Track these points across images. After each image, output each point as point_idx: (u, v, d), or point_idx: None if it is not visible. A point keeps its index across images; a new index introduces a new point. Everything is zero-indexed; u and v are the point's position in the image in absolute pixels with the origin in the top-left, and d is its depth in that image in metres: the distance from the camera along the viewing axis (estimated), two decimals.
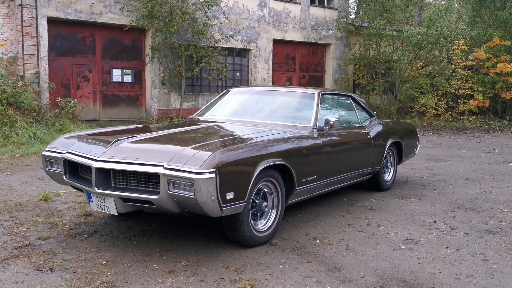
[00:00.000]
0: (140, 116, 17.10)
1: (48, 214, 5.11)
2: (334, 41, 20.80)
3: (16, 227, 4.63)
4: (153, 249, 4.06)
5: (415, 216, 5.17)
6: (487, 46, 19.19)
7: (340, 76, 20.94)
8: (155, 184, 3.75)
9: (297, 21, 19.80)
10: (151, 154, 3.82)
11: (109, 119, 16.31)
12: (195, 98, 17.83)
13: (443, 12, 17.50)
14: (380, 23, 18.94)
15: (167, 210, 3.79)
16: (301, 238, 4.40)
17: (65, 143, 4.45)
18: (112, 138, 4.48)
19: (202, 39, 16.58)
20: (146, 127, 5.38)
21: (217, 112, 5.67)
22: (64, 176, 4.31)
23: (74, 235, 4.41)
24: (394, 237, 4.44)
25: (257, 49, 18.97)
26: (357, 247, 4.15)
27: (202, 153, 3.63)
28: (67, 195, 6.00)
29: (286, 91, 5.76)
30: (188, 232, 4.56)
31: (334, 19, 20.64)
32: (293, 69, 20.48)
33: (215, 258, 3.87)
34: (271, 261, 3.82)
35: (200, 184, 3.45)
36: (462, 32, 17.74)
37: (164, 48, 16.71)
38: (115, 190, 3.87)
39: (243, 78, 19.11)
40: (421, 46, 18.05)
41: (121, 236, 4.38)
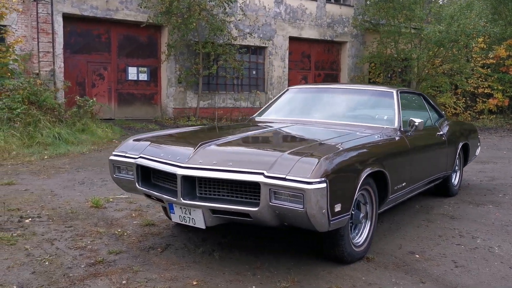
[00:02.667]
0: (156, 115, 16.69)
1: (106, 224, 4.70)
2: (350, 38, 20.42)
3: (79, 239, 4.21)
4: (241, 266, 3.66)
5: (506, 226, 4.79)
6: (507, 43, 18.83)
7: (355, 75, 20.57)
8: (252, 194, 3.35)
9: (313, 18, 19.41)
10: (245, 160, 3.42)
11: (125, 118, 15.89)
12: (211, 96, 17.41)
13: (465, 9, 17.12)
14: (400, 20, 18.53)
15: (263, 223, 3.39)
16: (396, 252, 4.01)
17: (135, 146, 4.04)
18: (190, 141, 4.10)
19: (219, 36, 16.15)
20: (211, 129, 4.96)
21: (282, 112, 5.26)
22: (137, 184, 3.90)
23: (147, 249, 4.00)
24: (499, 252, 4.06)
25: (273, 46, 18.57)
26: (466, 264, 3.76)
27: (308, 160, 3.23)
28: (117, 201, 5.59)
29: (358, 89, 5.37)
30: (267, 245, 4.16)
31: (350, 16, 20.25)
32: (309, 67, 20.09)
33: (315, 277, 3.48)
34: (380, 281, 3.43)
35: (310, 195, 3.05)
36: (484, 29, 17.36)
37: (180, 46, 16.28)
38: (203, 201, 3.47)
39: (259, 76, 18.71)
40: (442, 44, 17.67)
41: (199, 251, 3.97)
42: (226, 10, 15.81)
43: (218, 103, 17.53)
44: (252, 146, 3.87)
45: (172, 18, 15.33)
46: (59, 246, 4.02)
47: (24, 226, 4.54)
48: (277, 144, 4.05)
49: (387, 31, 18.89)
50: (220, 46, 16.21)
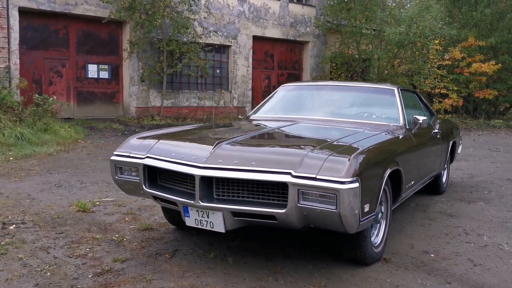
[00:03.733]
0: (118, 115, 16.11)
1: (100, 229, 4.38)
2: (312, 38, 20.53)
3: (75, 246, 3.90)
4: (259, 271, 3.48)
5: (505, 223, 4.84)
6: (462, 46, 19.51)
7: (317, 74, 20.70)
8: (277, 195, 3.18)
9: (276, 18, 19.37)
10: (269, 159, 3.24)
11: (84, 118, 15.22)
12: (175, 96, 17.02)
13: (423, 11, 17.57)
14: (361, 21, 18.81)
15: (288, 225, 3.22)
16: (410, 252, 3.95)
17: (140, 145, 3.77)
18: (202, 139, 3.89)
19: (184, 34, 15.78)
20: (211, 127, 4.74)
21: (279, 110, 5.10)
22: (144, 186, 3.63)
23: (153, 255, 3.75)
24: (510, 249, 4.08)
25: (237, 45, 18.38)
26: (483, 263, 3.74)
27: (338, 159, 3.09)
28: (104, 204, 5.26)
29: (357, 87, 5.28)
30: (278, 247, 4.00)
31: (312, 16, 20.36)
32: (272, 66, 20.04)
33: (339, 280, 3.35)
34: (406, 282, 3.34)
35: (344, 195, 2.92)
36: (441, 31, 17.88)
37: (143, 43, 15.81)
38: (222, 203, 3.26)
39: (223, 75, 18.46)
40: (402, 45, 18.06)
41: (210, 256, 3.75)
42: (191, 7, 15.48)
43: (182, 102, 17.16)
44: (272, 145, 3.70)
45: (135, 14, 14.83)
46: (56, 255, 3.69)
47: (10, 234, 4.16)
48: (296, 143, 3.89)
49: (349, 31, 19.12)
50: (185, 44, 15.86)
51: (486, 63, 18.67)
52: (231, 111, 18.23)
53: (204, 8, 16.25)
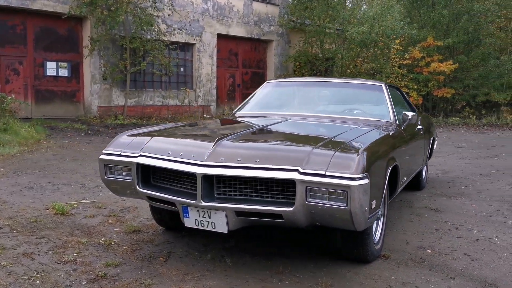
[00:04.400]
0: (79, 114, 15.58)
1: (84, 233, 4.15)
2: (276, 37, 20.54)
3: (61, 251, 3.66)
4: (261, 272, 3.36)
5: (489, 217, 4.92)
6: (421, 46, 19.98)
7: (282, 73, 20.73)
8: (282, 193, 3.07)
9: (240, 16, 19.25)
10: (274, 156, 3.12)
11: (43, 117, 14.61)
12: (138, 94, 16.62)
13: (385, 11, 17.89)
14: (325, 20, 18.97)
15: (294, 224, 3.12)
16: (406, 248, 3.93)
17: (131, 143, 3.58)
18: (199, 136, 3.73)
19: (147, 31, 15.42)
20: (204, 124, 4.55)
21: (266, 107, 4.99)
22: (137, 186, 3.44)
23: (147, 259, 3.56)
24: (501, 243, 4.12)
25: (202, 43, 18.15)
26: (480, 257, 3.76)
27: (346, 155, 3.02)
28: (83, 206, 5.00)
29: (345, 83, 5.24)
30: (274, 246, 3.90)
31: (276, 15, 20.37)
32: (236, 65, 19.91)
33: (344, 280, 3.28)
34: (411, 279, 3.31)
35: (355, 192, 2.84)
36: (402, 31, 18.25)
37: (105, 40, 15.34)
38: (224, 202, 3.13)
39: (187, 73, 18.18)
40: (365, 44, 18.34)
41: (207, 257, 3.61)
42: (155, 4, 15.15)
43: (146, 101, 16.78)
44: (274, 141, 3.58)
45: (96, 10, 14.37)
46: (42, 261, 3.45)
47: None
48: (296, 139, 3.78)
49: (313, 30, 19.23)
50: (149, 41, 15.50)
51: (444, 63, 19.17)
52: (196, 110, 17.98)
53: (168, 5, 15.94)
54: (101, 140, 11.17)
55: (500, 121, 18.75)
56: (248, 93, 20.17)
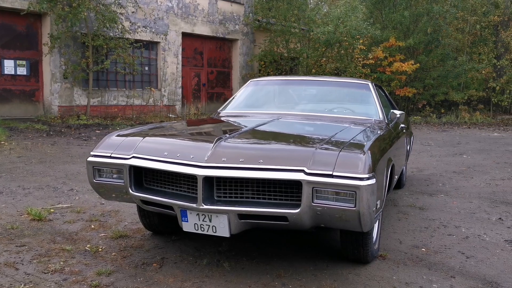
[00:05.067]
0: (38, 114, 14.98)
1: (66, 239, 3.92)
2: (241, 36, 20.42)
3: (45, 260, 3.43)
4: (262, 276, 3.26)
5: (473, 214, 4.99)
6: (384, 46, 20.35)
7: (247, 72, 20.64)
8: (287, 194, 2.98)
9: (205, 15, 19.02)
10: (277, 156, 3.02)
11: (1, 117, 13.95)
12: (101, 94, 16.15)
13: (350, 12, 18.09)
14: (291, 19, 19.01)
15: (298, 226, 3.03)
16: (401, 248, 3.91)
17: (122, 144, 3.39)
18: (196, 136, 3.59)
19: (110, 29, 14.98)
20: (195, 123, 4.39)
21: (252, 106, 4.87)
22: (130, 189, 3.27)
23: (140, 266, 3.39)
24: (490, 240, 4.17)
25: (166, 42, 17.81)
26: (474, 254, 3.78)
27: (352, 154, 2.95)
28: (60, 212, 4.75)
29: (331, 81, 5.18)
30: (268, 248, 3.80)
31: (241, 14, 20.26)
32: (202, 64, 19.66)
33: (347, 281, 3.22)
34: (412, 279, 3.28)
35: (363, 192, 2.78)
36: (366, 31, 18.51)
37: (66, 37, 14.80)
38: (225, 205, 3.00)
39: (152, 72, 17.81)
40: (330, 44, 18.49)
41: (203, 262, 3.47)
42: (119, 0, 14.74)
43: (109, 101, 16.32)
44: (274, 141, 3.46)
45: (57, 6, 13.84)
46: (27, 271, 3.22)
47: None
48: (294, 139, 3.67)
49: (279, 30, 19.23)
50: (113, 39, 15.07)
51: (406, 63, 19.59)
52: (161, 109, 17.64)
53: (132, 2, 15.55)
54: (66, 141, 10.76)
55: (459, 119, 19.33)
56: (214, 92, 20.01)
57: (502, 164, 8.46)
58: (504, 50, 20.69)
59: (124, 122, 15.14)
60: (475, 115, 19.95)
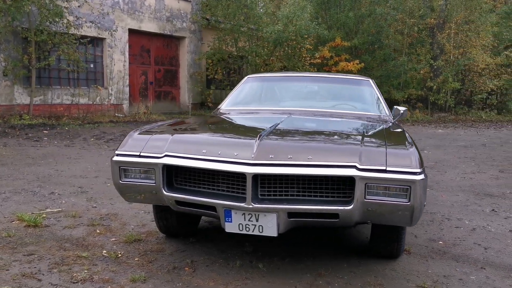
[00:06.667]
0: None
1: (76, 246, 3.63)
2: (188, 34, 20.09)
3: (66, 269, 3.15)
4: (303, 276, 3.18)
5: (467, 207, 5.18)
6: (330, 45, 20.82)
7: (195, 71, 20.34)
8: (337, 190, 2.92)
9: (152, 11, 18.54)
10: (326, 152, 2.96)
11: None
12: (44, 92, 15.29)
13: (299, 11, 18.32)
14: (240, 18, 18.95)
15: (347, 223, 2.98)
16: (419, 242, 3.97)
17: (149, 142, 3.18)
18: (233, 133, 3.46)
19: (54, 23, 14.18)
20: (207, 120, 4.19)
21: (257, 101, 4.76)
22: (163, 190, 3.07)
23: (172, 270, 3.20)
24: (496, 230, 4.34)
25: (113, 38, 17.17)
26: (489, 245, 3.91)
27: (400, 149, 2.96)
28: (54, 216, 4.40)
29: (332, 78, 5.19)
30: (290, 246, 3.72)
31: (188, 11, 19.93)
32: (149, 62, 19.13)
33: (391, 278, 3.21)
34: (450, 272, 3.33)
35: (417, 187, 2.78)
36: (315, 30, 18.83)
37: (6, 32, 13.86)
38: (274, 203, 2.90)
39: (97, 70, 17.10)
40: (279, 43, 18.63)
41: (236, 264, 3.33)
42: None
43: (53, 100, 15.48)
44: (315, 137, 3.38)
45: None
46: (53, 282, 2.94)
47: None
48: (332, 134, 3.56)
49: (228, 28, 19.11)
50: (57, 34, 14.28)
51: (351, 62, 20.15)
52: (109, 108, 16.99)
53: None
54: (16, 142, 10.07)
55: None
56: (161, 91, 19.54)
57: (463, 158, 8.89)
58: (440, 51, 21.81)
59: (71, 122, 14.44)
60: (415, 113, 20.88)
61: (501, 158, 9.14)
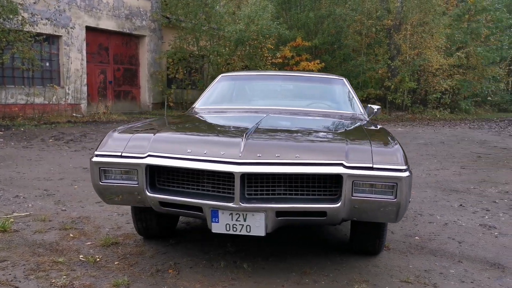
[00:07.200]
0: None
1: (50, 251, 3.48)
2: (148, 33, 19.75)
3: (44, 275, 3.01)
4: (289, 274, 3.17)
5: (436, 202, 5.31)
6: (291, 45, 20.97)
7: (156, 70, 20.03)
8: (324, 188, 2.92)
9: (110, 8, 18.12)
10: (313, 150, 2.96)
11: None
12: None
13: (260, 11, 18.36)
14: (202, 17, 18.81)
15: (333, 221, 2.98)
16: (396, 237, 4.04)
17: (131, 142, 3.08)
18: (217, 132, 3.41)
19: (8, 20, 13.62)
20: (187, 119, 4.08)
21: (233, 100, 4.72)
22: (146, 191, 2.98)
23: (156, 273, 3.11)
24: (467, 225, 4.47)
25: (69, 36, 16.66)
26: (463, 239, 4.02)
27: (387, 147, 2.99)
28: (22, 221, 4.20)
29: (306, 77, 5.18)
30: (273, 247, 3.71)
31: (148, 9, 19.59)
32: (107, 60, 18.69)
33: (374, 274, 3.24)
34: (430, 267, 3.40)
35: (403, 184, 2.81)
36: (276, 30, 18.91)
37: None
38: (262, 202, 2.87)
39: (53, 68, 16.55)
40: (241, 42, 18.61)
41: (220, 265, 3.28)
42: None
43: (7, 99, 14.87)
44: (300, 135, 3.35)
45: None
46: None
47: None
48: (318, 133, 3.53)
49: (190, 27, 18.91)
50: (11, 32, 13.71)
51: (312, 62, 20.36)
52: (66, 108, 16.47)
53: None
54: None
55: None
56: (121, 90, 19.14)
57: (425, 156, 9.14)
58: (397, 51, 22.37)
59: (26, 122, 13.91)
60: None
61: (460, 155, 9.46)
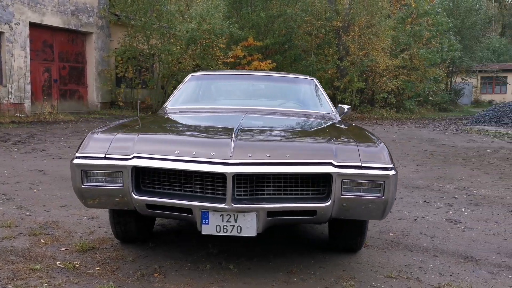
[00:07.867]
0: None
1: (24, 258, 3.30)
2: (96, 30, 19.13)
3: (23, 284, 2.85)
4: (276, 275, 3.17)
5: (402, 199, 5.47)
6: (243, 45, 20.98)
7: (104, 68, 19.44)
8: (313, 188, 2.95)
9: (55, 4, 17.40)
10: (303, 150, 2.98)
11: None
12: None
13: (212, 10, 18.24)
14: (153, 15, 18.46)
15: (322, 220, 3.02)
16: (371, 234, 4.12)
17: (114, 143, 2.97)
18: (203, 132, 3.35)
19: None
20: (166, 120, 3.97)
21: (205, 100, 4.66)
22: (132, 193, 2.89)
23: (141, 278, 3.03)
24: (434, 220, 4.64)
25: (12, 32, 15.87)
26: (434, 234, 4.18)
27: (373, 146, 3.07)
28: None
29: (276, 77, 5.18)
30: (256, 247, 3.70)
31: (95, 6, 18.99)
32: (52, 58, 17.94)
33: (358, 271, 3.31)
34: (409, 261, 3.50)
35: (390, 182, 2.90)
36: (228, 29, 18.86)
37: None
38: (253, 203, 2.86)
39: None
40: (193, 41, 18.42)
41: (207, 267, 3.23)
42: None
43: None
44: (289, 135, 3.35)
45: None
46: None
47: None
48: (303, 133, 3.54)
49: (140, 25, 18.49)
50: None
51: (263, 62, 20.45)
52: (8, 108, 15.68)
53: None
54: None
55: None
56: (67, 89, 18.48)
57: None
58: (346, 52, 22.88)
59: None
60: None
61: (413, 153, 9.81)
